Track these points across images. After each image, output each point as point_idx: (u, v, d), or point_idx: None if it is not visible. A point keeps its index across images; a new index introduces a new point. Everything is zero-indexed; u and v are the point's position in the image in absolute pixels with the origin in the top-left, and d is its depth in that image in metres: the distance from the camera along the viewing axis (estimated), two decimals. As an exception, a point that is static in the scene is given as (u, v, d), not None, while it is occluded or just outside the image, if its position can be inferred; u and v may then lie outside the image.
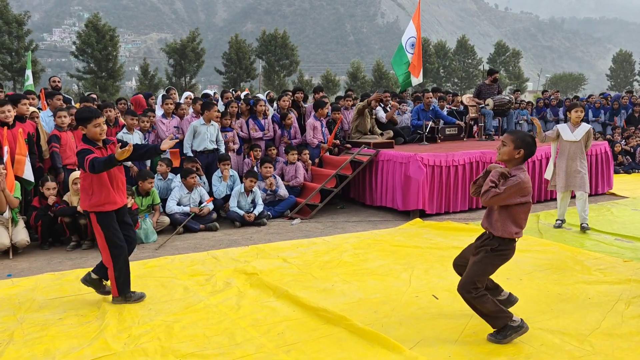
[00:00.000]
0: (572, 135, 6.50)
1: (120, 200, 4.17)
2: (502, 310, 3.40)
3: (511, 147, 3.44)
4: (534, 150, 3.48)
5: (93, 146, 4.05)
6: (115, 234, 4.11)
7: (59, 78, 9.97)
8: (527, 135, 3.49)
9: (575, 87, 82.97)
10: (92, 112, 4.10)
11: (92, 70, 45.41)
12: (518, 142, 3.42)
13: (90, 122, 4.01)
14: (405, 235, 6.43)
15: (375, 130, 8.99)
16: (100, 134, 4.06)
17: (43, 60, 54.79)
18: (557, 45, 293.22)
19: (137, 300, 4.21)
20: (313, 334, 3.58)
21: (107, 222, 4.09)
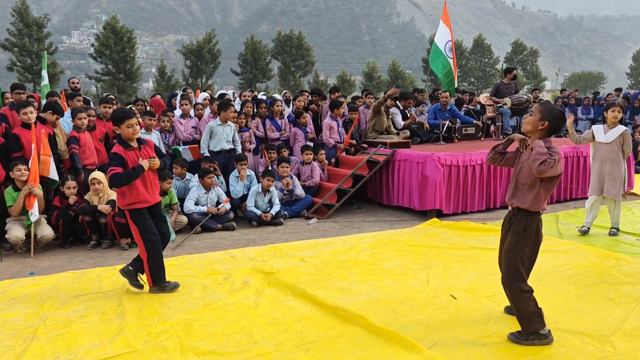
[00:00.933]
0: (604, 137, 6.12)
1: (152, 199, 4.37)
2: (539, 314, 3.34)
3: (537, 117, 3.32)
4: (561, 125, 3.38)
5: (126, 148, 4.26)
6: (147, 229, 4.31)
7: (78, 79, 10.11)
8: (555, 109, 3.37)
9: (595, 85, 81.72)
10: (125, 112, 4.31)
11: (110, 71, 45.99)
12: (545, 113, 3.31)
13: (123, 123, 4.24)
14: (422, 235, 6.41)
15: (392, 130, 8.96)
16: (133, 134, 4.27)
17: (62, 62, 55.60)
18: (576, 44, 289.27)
19: (172, 289, 4.41)
20: (331, 332, 3.58)
21: (139, 219, 4.30)
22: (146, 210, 4.34)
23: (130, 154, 4.26)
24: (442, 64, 10.45)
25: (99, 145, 7.10)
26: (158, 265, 4.38)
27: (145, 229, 4.31)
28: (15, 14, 40.84)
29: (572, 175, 8.55)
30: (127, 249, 6.02)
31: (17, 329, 3.74)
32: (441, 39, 10.16)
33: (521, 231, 3.35)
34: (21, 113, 6.21)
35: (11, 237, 5.78)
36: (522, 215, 3.38)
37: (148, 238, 4.30)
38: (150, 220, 4.35)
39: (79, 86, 9.90)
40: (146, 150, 4.39)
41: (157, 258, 4.37)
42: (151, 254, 4.33)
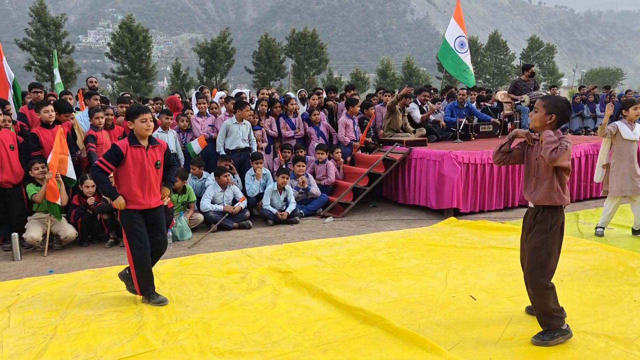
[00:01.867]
0: (632, 133, 5.81)
1: (146, 203, 4.10)
2: (560, 310, 3.31)
3: (542, 113, 3.27)
4: (569, 115, 3.32)
5: (131, 143, 4.05)
6: (134, 233, 4.06)
7: (96, 79, 10.19)
8: (559, 100, 3.32)
9: (613, 82, 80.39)
10: (141, 107, 4.21)
11: (126, 70, 46.37)
12: (550, 107, 3.25)
13: (137, 117, 4.06)
14: (439, 234, 6.34)
15: (408, 128, 8.89)
16: (146, 130, 4.07)
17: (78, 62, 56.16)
18: (594, 40, 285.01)
19: (158, 303, 4.10)
20: (349, 333, 3.55)
21: (127, 220, 4.08)
22: (139, 214, 4.08)
23: (135, 151, 4.05)
24: (453, 60, 10.34)
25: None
26: (145, 274, 4.12)
27: (132, 233, 4.05)
28: (33, 13, 41.36)
29: (591, 174, 8.39)
30: (144, 247, 6.03)
31: (37, 327, 3.77)
32: (451, 36, 10.07)
33: (548, 229, 3.30)
34: (42, 111, 6.27)
35: (27, 238, 5.83)
36: (548, 212, 3.32)
37: (134, 243, 4.05)
38: (140, 224, 4.08)
39: (97, 85, 9.98)
40: (155, 151, 4.16)
41: (144, 266, 4.10)
42: (137, 260, 4.07)
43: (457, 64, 9.99)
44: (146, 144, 4.12)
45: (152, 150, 4.15)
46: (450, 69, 10.16)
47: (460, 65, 9.92)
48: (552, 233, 3.30)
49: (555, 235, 3.32)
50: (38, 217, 6.05)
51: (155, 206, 4.17)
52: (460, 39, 9.84)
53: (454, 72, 10.07)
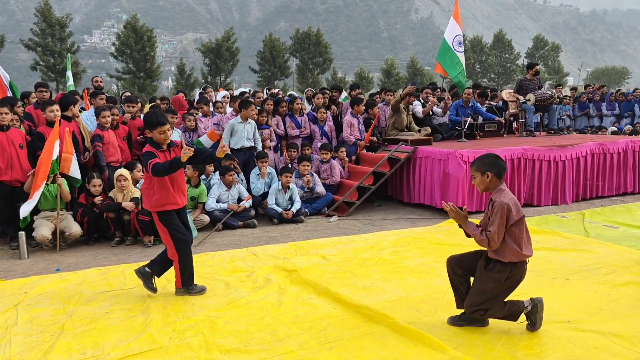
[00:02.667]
0: None
1: (180, 201, 4.33)
2: (511, 306, 3.41)
3: (479, 176, 3.44)
4: (503, 165, 3.45)
5: (157, 149, 4.23)
6: (177, 229, 4.28)
7: (101, 78, 10.22)
8: (486, 157, 3.47)
9: (619, 81, 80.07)
10: (159, 119, 4.21)
11: (131, 70, 46.51)
12: (481, 167, 3.42)
13: (155, 129, 4.19)
14: (445, 233, 6.34)
15: (413, 127, 8.88)
16: (164, 140, 4.23)
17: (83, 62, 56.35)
18: (599, 39, 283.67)
19: (199, 292, 4.35)
20: (355, 331, 3.56)
21: (168, 220, 4.27)
22: (174, 212, 4.31)
23: (161, 156, 4.23)
24: (450, 59, 10.38)
25: (122, 144, 7.18)
26: (189, 267, 4.35)
27: (175, 229, 4.28)
28: (39, 14, 41.55)
29: (597, 173, 8.38)
30: (150, 246, 6.07)
31: (45, 325, 3.80)
32: (450, 34, 10.11)
33: (503, 280, 3.37)
34: (47, 110, 6.31)
35: (38, 236, 5.87)
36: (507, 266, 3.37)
37: (178, 238, 4.27)
38: (179, 221, 4.32)
39: (102, 85, 10.02)
40: (175, 152, 4.34)
41: (187, 259, 4.33)
42: (182, 254, 4.29)
43: (454, 63, 9.99)
44: (166, 147, 4.31)
45: (173, 152, 4.33)
46: (448, 69, 10.17)
47: (457, 66, 9.91)
48: (505, 284, 3.39)
49: (508, 285, 3.40)
50: (45, 215, 6.09)
51: (184, 204, 4.40)
52: (458, 37, 9.84)
53: (452, 73, 10.07)
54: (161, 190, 4.23)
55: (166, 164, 4.08)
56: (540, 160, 7.77)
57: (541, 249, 5.42)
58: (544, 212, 7.41)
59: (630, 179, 8.68)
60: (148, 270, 4.38)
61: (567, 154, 7.94)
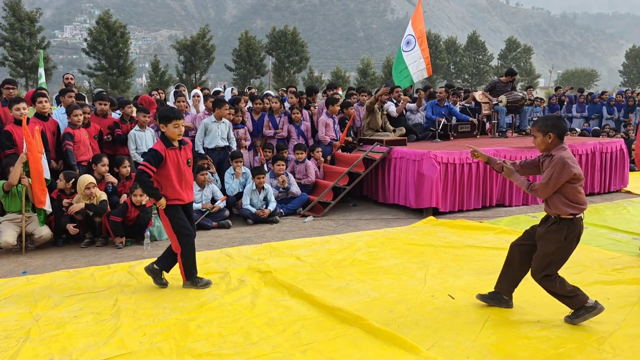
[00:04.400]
0: None
1: (186, 197, 4.44)
2: (577, 289, 3.56)
3: (540, 136, 3.56)
4: (565, 126, 3.57)
5: (167, 146, 4.32)
6: (181, 223, 4.38)
7: (72, 75, 9.97)
8: (549, 118, 3.61)
9: (588, 83, 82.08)
10: (175, 112, 4.37)
11: (103, 67, 45.71)
12: (544, 128, 3.53)
13: (170, 122, 4.30)
14: (419, 233, 6.39)
15: (388, 127, 8.92)
16: (178, 134, 4.34)
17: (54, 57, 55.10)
18: (569, 41, 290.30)
19: (204, 286, 4.44)
20: (329, 333, 3.55)
21: (173, 214, 4.37)
22: (180, 207, 4.39)
23: (171, 153, 4.33)
24: (397, 59, 10.50)
25: (93, 142, 7.02)
26: (191, 260, 4.45)
27: (179, 224, 4.37)
28: (7, 8, 40.44)
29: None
30: (121, 247, 5.96)
31: (10, 330, 3.68)
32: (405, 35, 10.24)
33: (563, 238, 3.50)
34: (13, 109, 6.12)
35: (1, 242, 5.66)
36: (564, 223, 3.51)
37: (182, 232, 4.37)
38: (183, 215, 4.41)
39: (73, 82, 9.76)
40: (185, 151, 4.45)
41: (190, 252, 4.44)
42: (185, 248, 4.39)
43: (398, 62, 10.07)
44: (178, 144, 4.40)
45: (183, 150, 4.44)
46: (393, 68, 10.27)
47: (399, 65, 9.99)
48: (566, 243, 3.52)
49: (570, 244, 3.53)
50: (10, 218, 5.89)
51: (190, 200, 4.52)
52: (408, 37, 9.93)
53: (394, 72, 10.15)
54: (166, 185, 4.33)
55: (149, 184, 4.23)
56: (513, 161, 7.88)
57: (512, 249, 5.50)
58: (516, 212, 7.54)
59: (597, 180, 8.89)
60: (156, 267, 4.52)
61: (538, 155, 8.08)
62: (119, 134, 7.50)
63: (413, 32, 10.16)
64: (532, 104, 13.82)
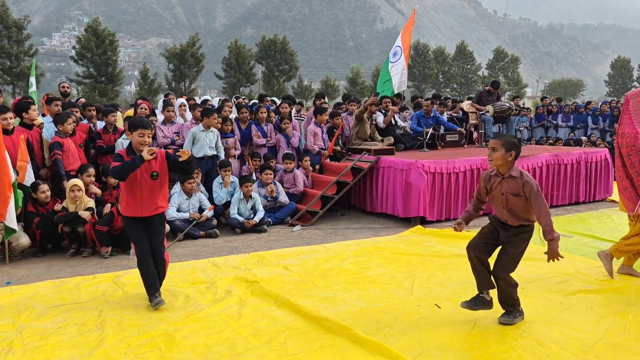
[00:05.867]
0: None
1: (138, 211, 4.24)
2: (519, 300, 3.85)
3: (503, 151, 3.68)
4: (521, 149, 3.77)
5: (129, 153, 4.23)
6: (135, 238, 4.31)
7: (68, 84, 9.86)
8: (512, 137, 3.79)
9: (574, 93, 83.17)
10: (143, 122, 4.28)
11: (92, 74, 45.46)
12: (507, 145, 3.67)
13: (135, 130, 4.21)
14: (406, 242, 6.41)
15: (376, 137, 8.98)
16: (141, 144, 4.20)
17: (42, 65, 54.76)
18: (556, 51, 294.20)
19: (154, 305, 4.22)
20: (315, 343, 3.55)
21: (127, 226, 4.34)
22: (137, 220, 4.28)
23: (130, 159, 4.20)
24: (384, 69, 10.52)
25: (79, 151, 6.97)
26: (146, 276, 4.28)
27: (133, 238, 4.32)
28: (-6, 15, 40.19)
29: (552, 183, 8.66)
30: (107, 257, 5.91)
31: (-7, 342, 3.64)
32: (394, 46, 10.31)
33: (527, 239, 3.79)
34: (0, 119, 6.07)
35: None
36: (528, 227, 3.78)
37: (137, 246, 4.32)
38: (138, 229, 4.29)
39: (69, 91, 9.62)
40: (150, 162, 4.25)
41: (145, 268, 4.28)
42: (139, 262, 4.30)
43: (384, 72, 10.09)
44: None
45: (147, 162, 4.19)
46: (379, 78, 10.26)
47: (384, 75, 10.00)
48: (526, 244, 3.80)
49: (526, 244, 3.80)
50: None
51: (148, 215, 4.28)
52: (395, 48, 9.98)
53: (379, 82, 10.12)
54: (126, 197, 4.28)
55: (125, 163, 4.06)
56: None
57: (499, 258, 5.55)
58: (502, 221, 7.59)
59: (582, 189, 9.00)
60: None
61: (524, 165, 8.17)
62: (101, 145, 7.42)
63: (401, 44, 10.22)
64: (518, 114, 13.97)
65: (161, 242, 4.39)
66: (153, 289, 4.27)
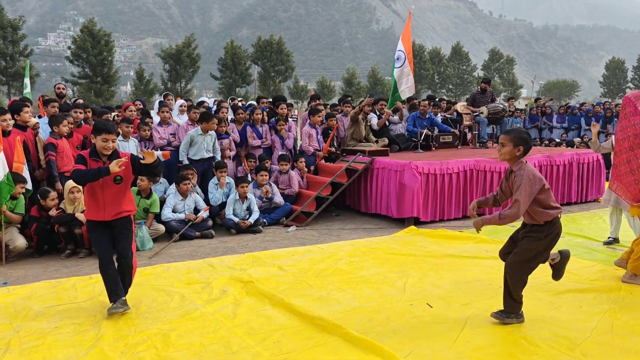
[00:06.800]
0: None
1: (101, 215, 4.13)
2: (521, 302, 3.85)
3: (511, 147, 3.69)
4: (531, 145, 3.76)
5: (91, 156, 4.11)
6: (96, 243, 4.27)
7: (64, 85, 9.88)
8: (522, 132, 3.77)
9: (569, 93, 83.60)
10: (107, 126, 4.11)
11: (87, 75, 45.40)
12: (516, 140, 3.67)
13: (100, 134, 4.08)
14: (399, 243, 6.48)
15: (370, 138, 9.05)
16: (104, 149, 4.09)
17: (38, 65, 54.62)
18: (551, 52, 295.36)
19: (110, 311, 4.04)
20: (308, 342, 3.61)
21: (89, 230, 4.29)
22: (100, 224, 4.18)
23: (93, 165, 4.09)
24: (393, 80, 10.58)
25: (75, 153, 7.00)
26: (107, 281, 4.14)
27: (94, 242, 4.32)
28: (-11, 15, 40.08)
29: (545, 184, 8.74)
30: (103, 257, 5.94)
31: (-10, 341, 3.68)
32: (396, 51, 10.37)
33: (542, 237, 3.72)
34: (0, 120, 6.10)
35: None
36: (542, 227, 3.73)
37: (97, 251, 4.23)
38: (100, 234, 4.19)
39: (64, 92, 9.64)
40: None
41: (105, 273, 4.14)
42: (100, 267, 4.16)
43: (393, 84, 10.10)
44: (105, 159, 4.13)
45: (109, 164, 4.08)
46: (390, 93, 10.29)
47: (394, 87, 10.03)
48: (545, 240, 3.73)
49: (548, 242, 3.74)
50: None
51: (110, 219, 4.17)
52: (398, 52, 10.04)
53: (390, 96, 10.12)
54: (89, 200, 4.18)
55: (82, 173, 3.98)
56: (492, 172, 8.06)
57: (491, 258, 5.61)
58: (495, 222, 7.66)
59: (574, 190, 9.10)
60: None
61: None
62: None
63: (403, 48, 10.30)
64: (512, 115, 14.07)
65: (128, 247, 4.24)
66: (114, 296, 4.11)
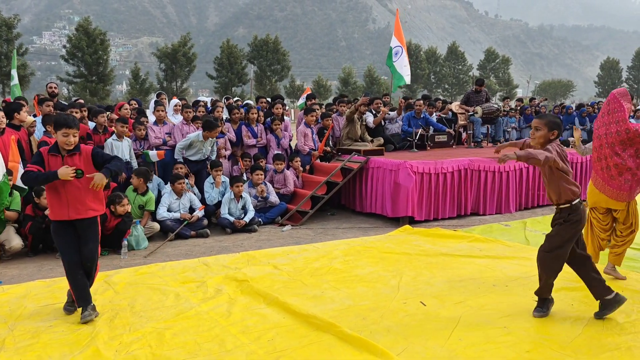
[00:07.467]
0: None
1: (64, 214, 3.99)
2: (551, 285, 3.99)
3: (545, 130, 3.76)
4: (562, 130, 3.85)
5: (50, 151, 3.98)
6: (60, 246, 4.09)
7: (56, 84, 9.86)
8: (555, 117, 3.88)
9: (564, 93, 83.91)
10: (67, 120, 3.93)
11: (82, 74, 45.29)
12: (550, 124, 3.76)
13: (60, 129, 3.91)
14: (394, 242, 6.51)
15: (366, 137, 9.07)
16: (65, 144, 3.92)
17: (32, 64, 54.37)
18: (546, 52, 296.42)
19: (82, 318, 3.95)
20: (303, 340, 3.63)
21: (54, 232, 4.08)
22: (64, 225, 4.02)
23: (52, 159, 3.93)
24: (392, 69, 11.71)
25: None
26: (76, 288, 4.02)
27: (60, 247, 4.09)
28: (-16, 14, 39.90)
29: (539, 183, 8.79)
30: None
31: (-15, 340, 3.69)
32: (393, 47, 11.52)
33: (563, 222, 3.85)
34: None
35: None
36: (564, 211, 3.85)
37: (63, 257, 4.07)
38: (66, 237, 4.04)
39: (56, 91, 9.61)
40: (73, 160, 3.96)
41: (71, 277, 4.02)
42: (66, 270, 4.04)
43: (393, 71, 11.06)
44: (65, 153, 3.97)
45: (69, 158, 3.95)
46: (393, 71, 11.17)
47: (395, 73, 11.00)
48: (567, 226, 3.83)
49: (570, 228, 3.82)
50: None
51: (74, 218, 4.02)
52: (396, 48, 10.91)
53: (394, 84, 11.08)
54: (51, 198, 4.00)
55: (32, 175, 3.85)
56: (486, 171, 8.10)
57: (484, 257, 5.66)
58: (489, 221, 7.72)
59: (569, 189, 9.14)
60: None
61: (511, 165, 8.31)
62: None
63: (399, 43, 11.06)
64: (506, 115, 14.12)
65: (94, 250, 4.09)
66: (84, 302, 4.02)
